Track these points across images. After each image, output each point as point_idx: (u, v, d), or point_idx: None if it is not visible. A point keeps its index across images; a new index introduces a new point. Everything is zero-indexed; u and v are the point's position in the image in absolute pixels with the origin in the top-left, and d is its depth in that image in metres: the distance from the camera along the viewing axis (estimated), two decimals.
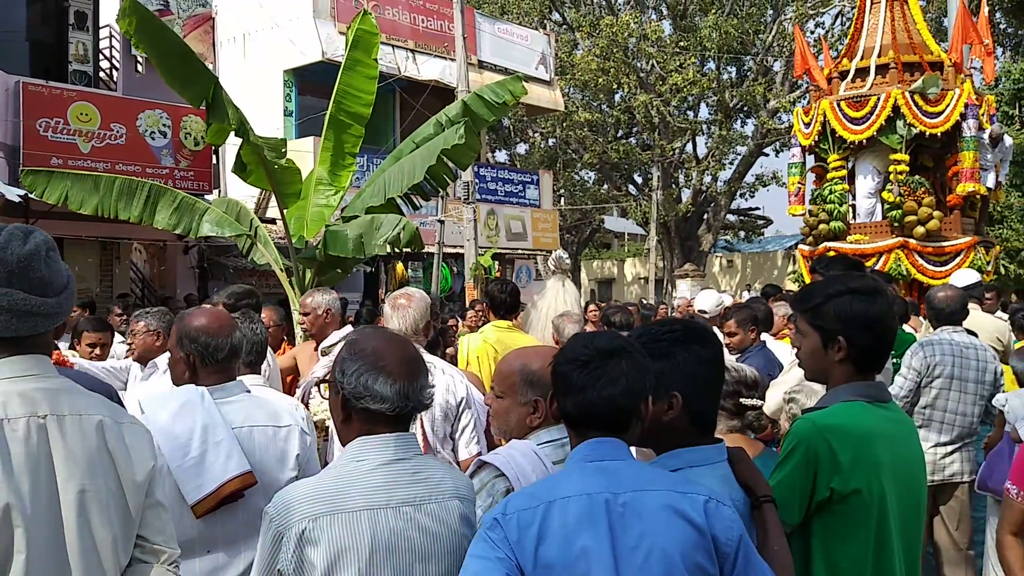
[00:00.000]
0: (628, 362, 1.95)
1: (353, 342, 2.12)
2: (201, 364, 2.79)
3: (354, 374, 2.03)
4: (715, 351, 2.19)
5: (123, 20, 5.68)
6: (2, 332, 1.83)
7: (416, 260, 18.48)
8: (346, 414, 2.07)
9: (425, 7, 19.96)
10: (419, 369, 2.11)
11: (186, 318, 2.89)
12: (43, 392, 1.83)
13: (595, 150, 29.26)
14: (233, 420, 2.71)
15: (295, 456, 2.78)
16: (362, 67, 7.08)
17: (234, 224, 7.18)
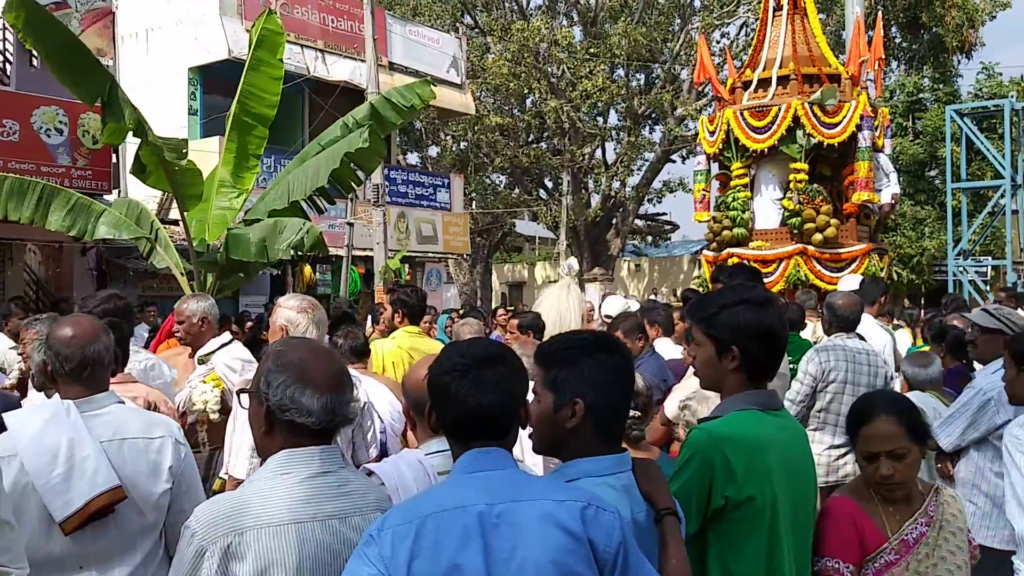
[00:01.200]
0: (506, 368, 1.96)
1: (279, 353, 2.08)
2: (57, 374, 2.70)
3: (280, 386, 2.00)
4: (621, 360, 2.20)
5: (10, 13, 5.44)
6: None
7: (324, 263, 18.23)
8: (269, 426, 2.03)
9: (335, 7, 19.71)
10: (345, 382, 2.08)
11: (52, 325, 2.79)
12: None
13: (506, 154, 29.34)
14: (101, 434, 2.61)
15: (168, 468, 2.70)
16: (267, 67, 6.95)
17: (133, 227, 6.96)
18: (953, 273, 21.27)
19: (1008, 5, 27.79)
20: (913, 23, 27.84)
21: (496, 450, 1.94)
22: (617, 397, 2.18)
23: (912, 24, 27.96)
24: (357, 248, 16.69)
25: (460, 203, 22.64)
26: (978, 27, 27.51)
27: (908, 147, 25.42)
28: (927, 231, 24.54)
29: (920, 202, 25.65)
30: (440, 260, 22.53)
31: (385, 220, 15.70)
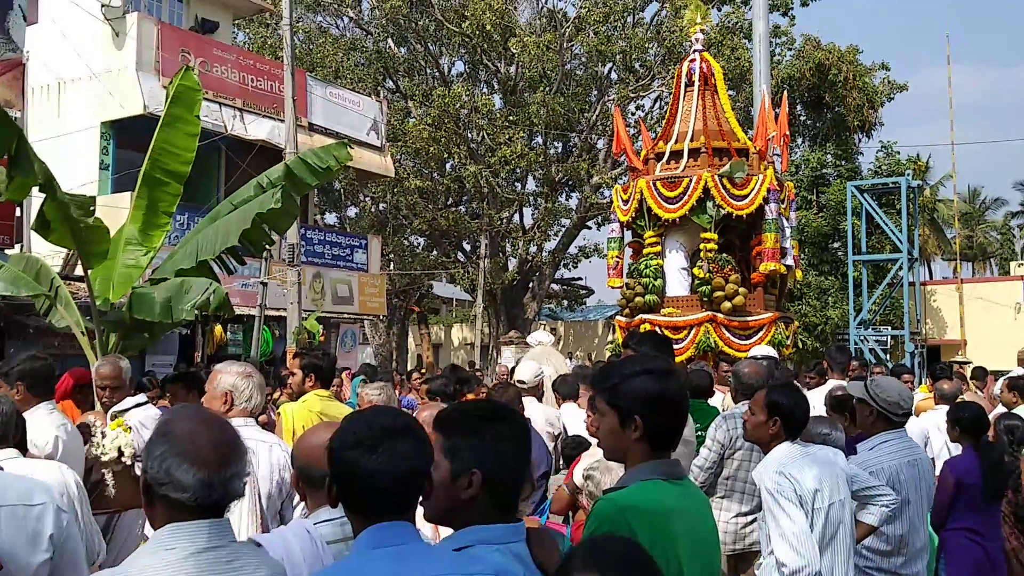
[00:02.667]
0: (414, 440, 1.94)
1: (165, 422, 2.00)
2: None
3: (158, 458, 1.91)
4: (519, 430, 2.19)
5: None
6: None
7: (236, 323, 17.88)
8: (148, 499, 1.95)
9: (255, 67, 19.69)
10: (232, 455, 1.98)
11: None
12: None
13: (425, 216, 29.46)
14: None
15: (49, 536, 2.56)
16: (182, 123, 6.86)
17: (31, 284, 6.72)
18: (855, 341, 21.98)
19: (905, 88, 29.34)
20: (817, 102, 29.15)
21: (401, 524, 1.91)
22: (515, 468, 2.16)
23: (816, 103, 29.27)
24: (271, 308, 16.44)
25: (377, 264, 22.56)
26: (877, 108, 28.96)
27: (812, 220, 26.38)
28: (831, 301, 25.38)
29: (824, 272, 26.56)
30: (356, 321, 22.31)
31: (300, 280, 15.53)
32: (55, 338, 14.66)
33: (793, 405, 3.90)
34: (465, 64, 31.94)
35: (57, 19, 16.28)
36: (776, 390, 4.00)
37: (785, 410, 3.86)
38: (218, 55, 18.74)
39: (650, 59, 28.54)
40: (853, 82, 28.02)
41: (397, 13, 28.16)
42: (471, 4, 27.13)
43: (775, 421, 3.87)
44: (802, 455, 3.81)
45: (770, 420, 3.88)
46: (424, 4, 28.82)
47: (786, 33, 29.48)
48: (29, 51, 14.03)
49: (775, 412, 3.86)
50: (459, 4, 28.35)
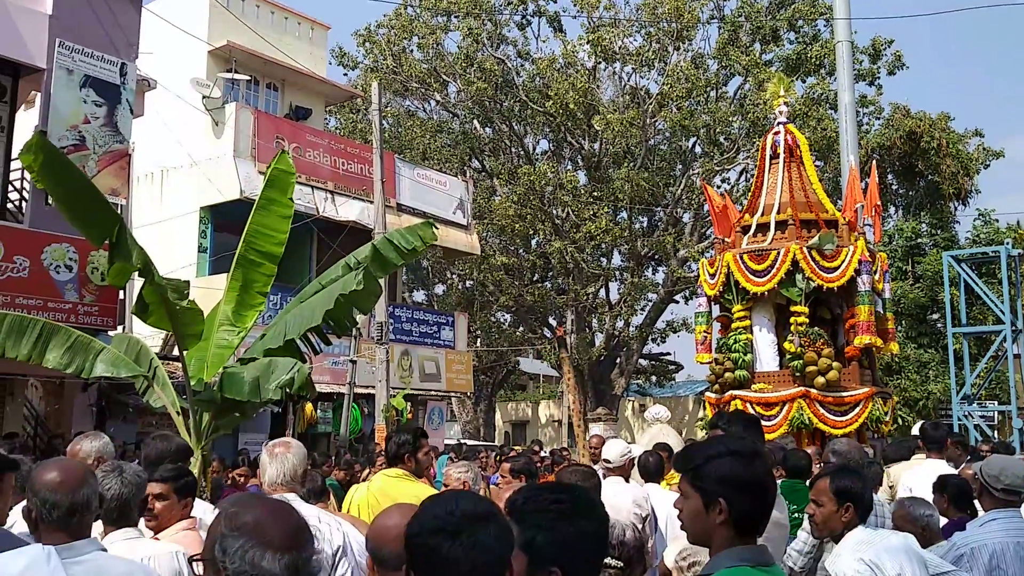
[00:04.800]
0: (496, 527, 1.86)
1: (232, 515, 1.96)
2: (41, 520, 2.63)
3: (238, 552, 1.88)
4: (600, 525, 2.13)
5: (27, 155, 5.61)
6: None
7: (326, 400, 18.14)
8: None
9: (346, 151, 20.35)
10: (306, 537, 1.97)
11: (36, 470, 2.73)
12: None
13: (511, 293, 29.65)
14: None
15: None
16: (276, 206, 7.10)
17: (131, 365, 6.95)
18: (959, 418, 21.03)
19: (1001, 154, 28.55)
20: (909, 171, 28.56)
21: None
22: (593, 565, 2.09)
23: (908, 172, 28.68)
24: (360, 385, 16.65)
25: (464, 341, 22.71)
26: (973, 175, 28.19)
27: (909, 291, 25.61)
28: (931, 374, 24.43)
29: (923, 345, 25.65)
30: (443, 398, 22.41)
31: (388, 358, 15.72)
32: (153, 417, 15.12)
33: (861, 488, 3.76)
34: (549, 142, 32.42)
35: (161, 111, 17.16)
36: (840, 476, 3.83)
37: (855, 494, 3.71)
38: (311, 140, 19.45)
39: (734, 132, 28.50)
40: (946, 149, 27.40)
41: (483, 95, 28.85)
42: (555, 84, 27.63)
43: (847, 508, 3.71)
44: (879, 540, 3.64)
45: (841, 508, 3.72)
46: (509, 86, 29.47)
47: (873, 103, 29.14)
48: (135, 142, 14.77)
49: (845, 498, 3.71)
50: (543, 84, 28.90)
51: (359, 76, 30.52)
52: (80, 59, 13.54)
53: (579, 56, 29.04)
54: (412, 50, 30.37)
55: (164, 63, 17.50)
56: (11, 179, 14.03)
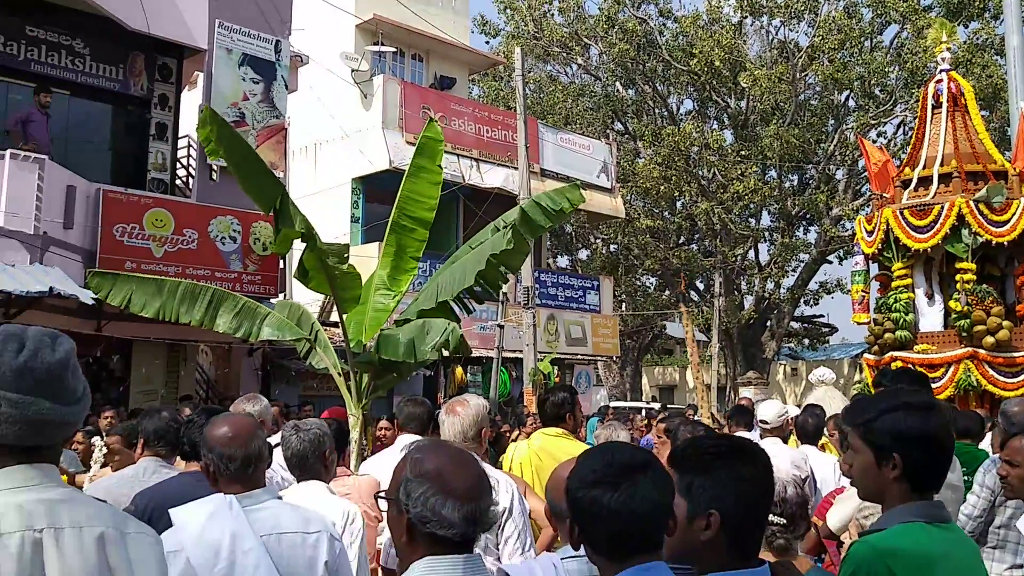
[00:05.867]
0: (654, 475, 1.87)
1: (417, 461, 2.04)
2: (219, 473, 2.80)
3: (420, 498, 1.96)
4: (760, 470, 2.07)
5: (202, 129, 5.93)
6: (17, 441, 1.76)
7: (476, 364, 18.51)
8: (411, 536, 2.00)
9: (490, 118, 20.54)
10: (485, 488, 2.03)
11: (208, 427, 2.90)
12: (42, 504, 1.75)
13: (657, 256, 29.33)
14: (261, 528, 2.69)
15: (324, 563, 2.75)
16: (426, 173, 7.23)
17: (294, 328, 7.27)
18: None
19: None
20: None
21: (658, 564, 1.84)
22: (755, 508, 2.04)
23: None
24: (508, 350, 16.89)
25: (609, 305, 22.66)
26: None
27: None
28: None
29: None
30: (589, 362, 22.47)
31: (535, 322, 15.87)
32: (314, 380, 15.83)
33: None
34: (694, 101, 31.74)
35: (313, 86, 17.75)
36: None
37: None
38: (455, 109, 19.72)
39: (891, 83, 27.11)
40: None
41: (625, 57, 28.47)
42: (699, 42, 26.98)
43: None
44: None
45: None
46: (651, 46, 28.97)
47: None
48: (290, 117, 15.36)
49: None
50: (686, 43, 28.27)
51: (501, 43, 30.64)
52: (238, 38, 14.15)
53: (724, 11, 28.24)
54: (553, 14, 30.25)
55: (315, 39, 18.08)
56: (178, 156, 14.84)
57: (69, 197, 11.74)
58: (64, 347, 1.83)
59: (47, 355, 1.78)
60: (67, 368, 1.82)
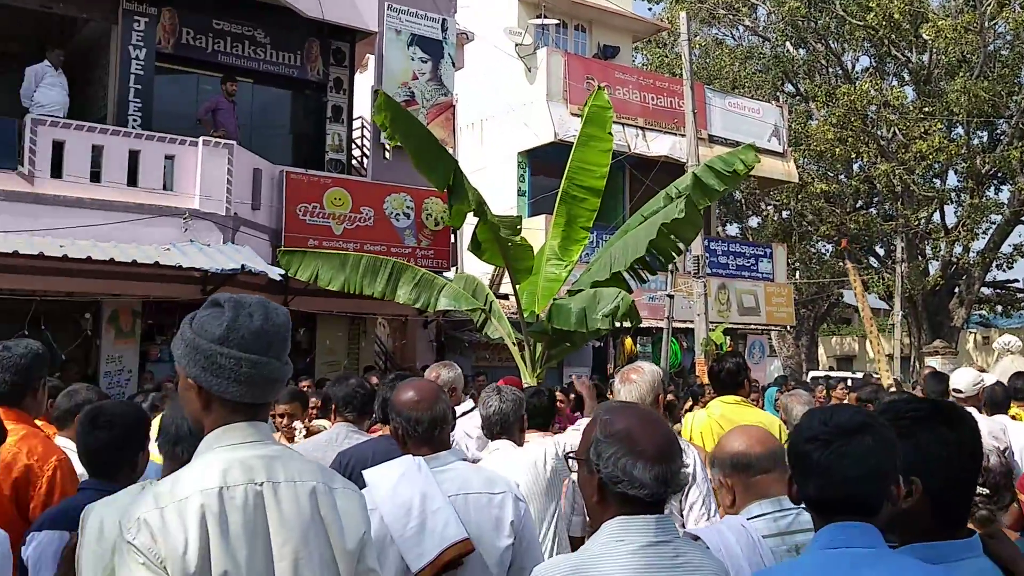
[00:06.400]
0: (873, 439, 1.81)
1: (607, 422, 2.06)
2: (407, 436, 2.88)
3: (611, 458, 1.99)
4: (964, 434, 1.97)
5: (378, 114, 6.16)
6: (249, 399, 1.89)
7: (645, 335, 18.37)
8: (601, 496, 2.03)
9: (655, 85, 20.21)
10: (675, 450, 2.04)
11: (395, 391, 2.99)
12: (261, 459, 1.86)
13: (832, 221, 28.16)
14: (448, 488, 2.75)
15: (510, 523, 2.79)
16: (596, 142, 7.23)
17: (470, 299, 7.45)
18: None
19: None
20: None
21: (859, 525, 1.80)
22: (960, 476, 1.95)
23: None
24: (677, 320, 16.66)
25: (783, 273, 21.96)
26: None
27: None
28: None
29: None
30: (763, 332, 21.89)
31: (706, 292, 15.58)
32: (486, 351, 16.16)
33: None
34: (871, 58, 30.13)
35: (479, 62, 17.99)
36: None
37: None
38: (619, 78, 19.50)
39: None
40: None
41: (795, 15, 27.32)
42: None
43: None
44: None
45: None
46: (824, 2, 27.66)
47: None
48: (457, 94, 15.64)
49: None
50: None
51: (664, 9, 30.03)
52: (406, 19, 14.50)
53: None
54: None
55: (479, 15, 18.29)
56: (353, 137, 15.40)
57: (256, 179, 12.43)
58: (283, 311, 1.97)
59: (275, 318, 1.92)
60: (288, 329, 1.96)
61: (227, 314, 1.89)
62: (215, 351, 1.86)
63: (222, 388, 1.87)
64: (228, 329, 1.87)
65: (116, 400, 3.05)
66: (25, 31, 13.33)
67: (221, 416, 1.89)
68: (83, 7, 12.51)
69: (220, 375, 1.86)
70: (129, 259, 10.03)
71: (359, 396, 4.42)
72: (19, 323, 10.39)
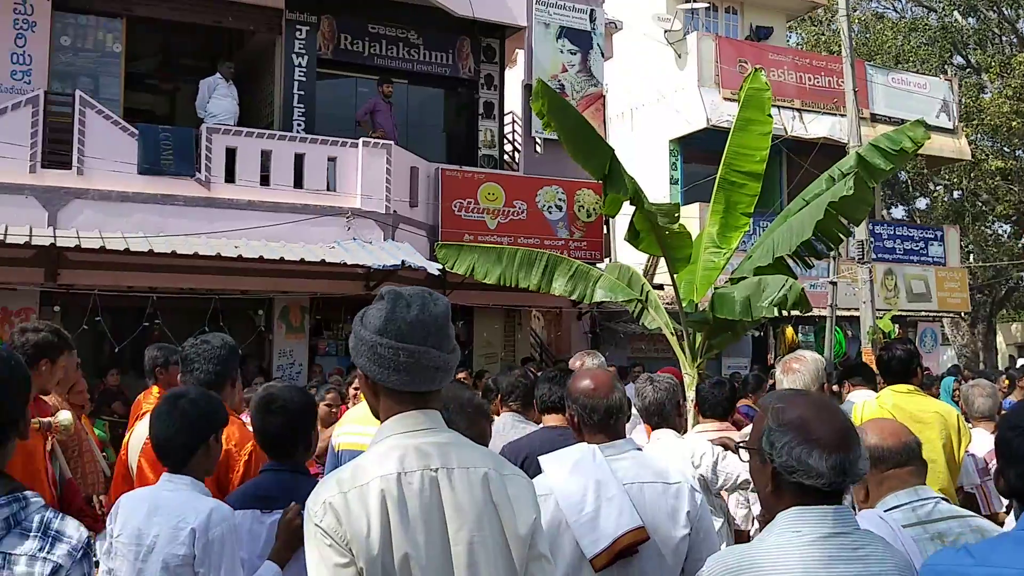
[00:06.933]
0: None
1: (780, 410, 2.03)
2: (583, 423, 2.88)
3: (785, 447, 1.95)
4: None
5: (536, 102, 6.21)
6: (413, 387, 1.94)
7: (807, 324, 17.78)
8: (776, 486, 2.00)
9: (812, 65, 19.50)
10: (853, 438, 1.99)
11: (571, 380, 3.01)
12: (435, 446, 1.91)
13: (1010, 200, 26.42)
14: (624, 476, 2.75)
15: (686, 513, 2.76)
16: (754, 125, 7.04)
17: (626, 290, 7.40)
18: None
19: None
20: None
21: None
22: None
23: None
24: (842, 308, 16.03)
25: (956, 257, 20.77)
26: None
27: None
28: None
29: None
30: (934, 320, 20.79)
31: (871, 278, 14.92)
32: (642, 342, 16.05)
33: None
34: None
35: (628, 51, 17.84)
36: None
37: None
38: (773, 59, 18.92)
39: None
40: None
41: None
42: None
43: None
44: None
45: None
46: None
47: None
48: (607, 84, 15.56)
49: None
50: None
51: None
52: (555, 12, 14.54)
53: None
54: None
55: (627, 3, 18.14)
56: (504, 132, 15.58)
57: (413, 178, 12.77)
58: (442, 301, 2.01)
59: (432, 308, 1.97)
60: (447, 319, 2.00)
61: (386, 306, 1.96)
62: (375, 341, 1.92)
63: (384, 377, 1.93)
64: (386, 320, 1.93)
65: (285, 385, 3.23)
66: (198, 46, 14.18)
67: (389, 405, 1.97)
68: (250, 20, 13.17)
69: (381, 364, 1.93)
70: (297, 258, 10.50)
71: (522, 386, 4.50)
72: (200, 321, 11.06)
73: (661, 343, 15.55)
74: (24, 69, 11.49)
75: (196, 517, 2.68)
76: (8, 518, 1.79)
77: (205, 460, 2.88)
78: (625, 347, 15.99)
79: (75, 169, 10.61)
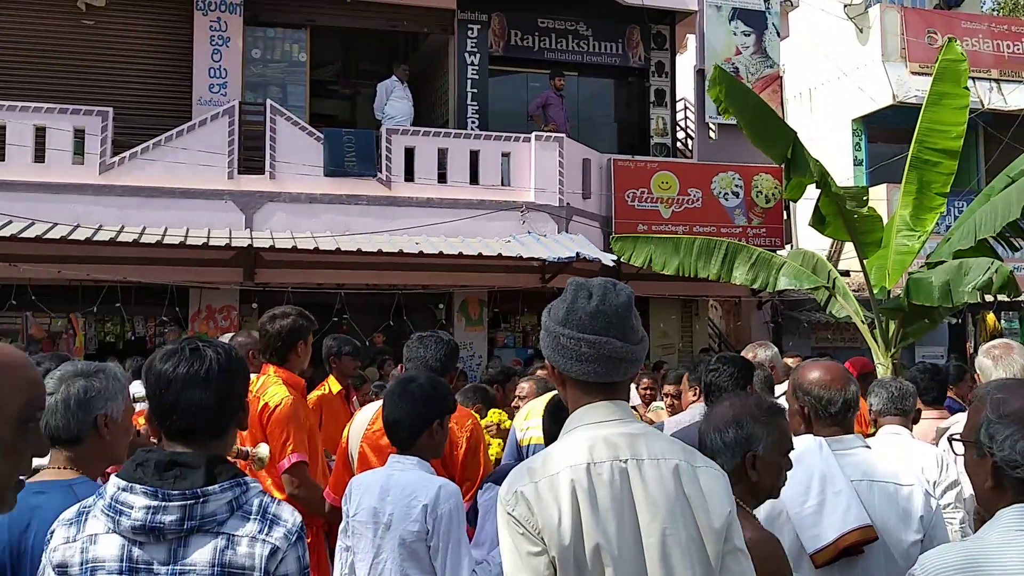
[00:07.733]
0: None
1: (1001, 401, 1.91)
2: (816, 415, 2.79)
3: (1008, 440, 1.84)
4: None
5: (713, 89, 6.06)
6: (596, 378, 1.93)
7: (1010, 310, 16.56)
8: (996, 482, 1.88)
9: (1010, 31, 18.12)
10: None
11: (801, 371, 2.92)
12: (624, 437, 1.89)
13: None
14: (851, 473, 2.65)
15: (919, 517, 2.62)
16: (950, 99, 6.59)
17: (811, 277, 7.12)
18: None
19: None
20: None
21: None
22: None
23: None
24: None
25: None
26: None
27: None
28: None
29: None
30: None
31: None
32: (827, 331, 15.42)
33: None
34: None
35: (806, 29, 17.15)
36: None
37: None
38: (966, 28, 17.70)
39: None
40: None
41: None
42: None
43: None
44: None
45: None
46: None
47: None
48: (784, 64, 15.02)
49: None
50: None
51: None
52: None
53: None
54: None
55: None
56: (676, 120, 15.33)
57: (585, 169, 12.77)
58: (625, 291, 2.00)
59: (613, 299, 1.96)
60: (630, 309, 1.98)
61: (568, 297, 1.98)
62: (558, 332, 1.94)
63: (567, 367, 1.94)
64: (568, 311, 1.95)
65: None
66: (375, 51, 14.70)
67: (575, 395, 1.97)
68: (424, 22, 13.54)
69: (564, 355, 1.94)
70: (475, 252, 10.72)
71: None
72: (384, 315, 11.47)
73: (848, 332, 14.92)
74: (220, 82, 12.27)
75: (427, 494, 2.86)
76: (231, 501, 1.91)
77: (430, 442, 3.03)
78: (808, 336, 15.40)
79: (268, 174, 11.24)
